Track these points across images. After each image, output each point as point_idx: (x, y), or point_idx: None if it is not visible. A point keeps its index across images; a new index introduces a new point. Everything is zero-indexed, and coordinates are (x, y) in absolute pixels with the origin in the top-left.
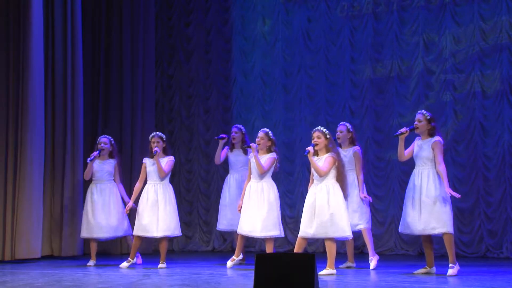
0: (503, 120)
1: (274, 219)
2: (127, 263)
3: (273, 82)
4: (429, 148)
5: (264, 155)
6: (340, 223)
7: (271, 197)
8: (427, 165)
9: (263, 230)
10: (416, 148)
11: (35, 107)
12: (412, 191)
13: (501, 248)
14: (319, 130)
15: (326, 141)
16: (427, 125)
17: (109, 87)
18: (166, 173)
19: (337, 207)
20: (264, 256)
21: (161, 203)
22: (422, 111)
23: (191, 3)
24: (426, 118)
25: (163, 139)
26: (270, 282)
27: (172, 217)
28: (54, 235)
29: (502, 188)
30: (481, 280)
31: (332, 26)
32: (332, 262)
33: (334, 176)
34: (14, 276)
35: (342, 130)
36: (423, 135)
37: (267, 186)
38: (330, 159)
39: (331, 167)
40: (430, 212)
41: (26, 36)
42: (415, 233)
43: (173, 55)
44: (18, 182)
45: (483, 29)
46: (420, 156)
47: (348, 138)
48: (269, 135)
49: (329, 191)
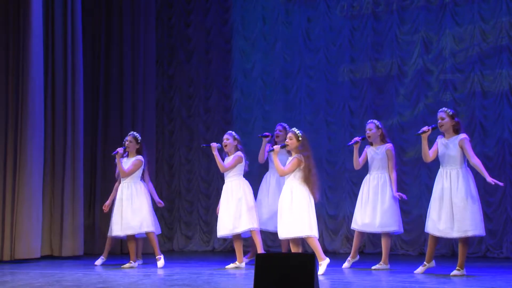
0: (503, 120)
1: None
2: (129, 264)
3: (273, 82)
4: (456, 146)
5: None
6: (300, 223)
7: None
8: (456, 164)
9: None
10: (440, 147)
11: (35, 107)
12: (441, 193)
13: (501, 248)
14: (292, 131)
15: (297, 143)
16: (451, 121)
17: (109, 87)
18: (127, 172)
19: (298, 208)
20: (264, 256)
21: (125, 202)
22: (444, 108)
23: (191, 3)
24: (449, 115)
25: (137, 140)
26: (270, 282)
27: (135, 215)
28: (54, 235)
29: (502, 188)
30: (481, 280)
31: (332, 26)
32: (318, 255)
33: (300, 177)
34: (14, 276)
35: (371, 127)
36: (447, 132)
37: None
38: (294, 161)
39: (293, 168)
40: (462, 214)
41: (26, 36)
42: (452, 237)
43: (173, 55)
44: (18, 182)
45: (483, 29)
46: (447, 156)
47: (379, 135)
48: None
49: (292, 191)
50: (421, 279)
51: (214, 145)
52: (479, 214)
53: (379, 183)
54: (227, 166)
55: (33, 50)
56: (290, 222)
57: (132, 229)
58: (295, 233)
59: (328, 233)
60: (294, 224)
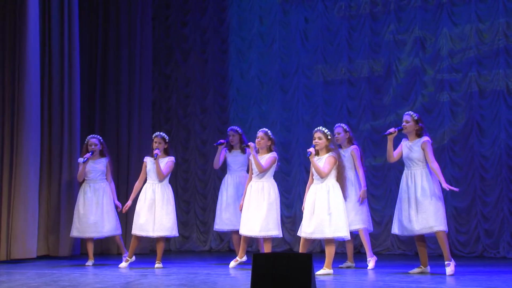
0: (500, 120)
1: (274, 219)
2: (125, 262)
3: (270, 82)
4: (419, 149)
5: (265, 154)
6: (338, 223)
7: (271, 197)
8: (419, 165)
9: (262, 230)
10: (405, 149)
11: (31, 108)
12: (407, 192)
13: (497, 248)
14: (320, 131)
15: (327, 142)
16: (414, 125)
17: (106, 87)
18: (165, 175)
19: (336, 207)
20: (262, 255)
21: (159, 203)
22: (410, 112)
23: (188, 3)
24: (413, 119)
25: (166, 140)
26: (267, 281)
27: (169, 218)
28: (51, 235)
29: (499, 188)
30: (478, 280)
31: (330, 26)
32: (329, 262)
33: (335, 176)
34: (10, 276)
35: (339, 131)
36: (410, 136)
37: (268, 185)
38: (331, 159)
39: (332, 167)
40: (426, 211)
41: (22, 36)
42: (415, 234)
43: (170, 55)
44: (14, 182)
45: (480, 29)
46: (411, 158)
47: (346, 138)
48: (269, 134)
49: (329, 190)
50: (418, 278)
51: (252, 145)
52: (442, 211)
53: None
54: (264, 167)
55: (30, 51)
56: (328, 222)
57: (166, 231)
58: (332, 233)
59: None
60: (333, 224)
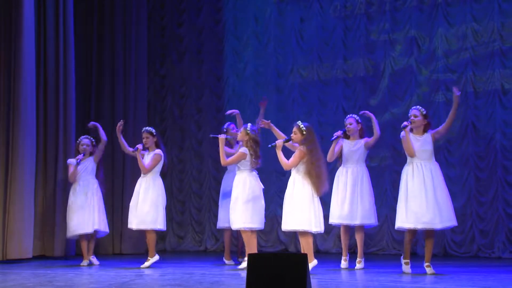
0: (495, 120)
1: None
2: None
3: (266, 82)
4: (431, 140)
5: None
6: (300, 217)
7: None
8: (432, 158)
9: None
10: (416, 143)
11: (27, 107)
12: (423, 183)
13: (492, 248)
14: (297, 125)
15: (301, 137)
16: (423, 120)
17: (101, 87)
18: (147, 168)
19: (298, 201)
20: (257, 255)
21: (141, 196)
22: (418, 107)
23: (183, 3)
24: (422, 114)
25: (153, 133)
26: (262, 281)
27: (151, 211)
28: (46, 235)
29: (494, 188)
30: (473, 280)
31: (325, 26)
32: (309, 254)
33: (303, 170)
34: (6, 276)
35: (351, 122)
36: (417, 130)
37: (238, 178)
38: (297, 153)
39: (297, 161)
40: (446, 205)
41: (18, 37)
42: (433, 228)
43: (165, 55)
44: (10, 181)
45: (475, 30)
46: (425, 150)
47: (358, 130)
48: (246, 130)
49: (294, 183)
50: (413, 278)
51: (223, 137)
52: (451, 205)
53: (358, 176)
54: (226, 159)
55: (25, 51)
56: (290, 214)
57: (144, 225)
58: (292, 226)
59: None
60: (293, 217)
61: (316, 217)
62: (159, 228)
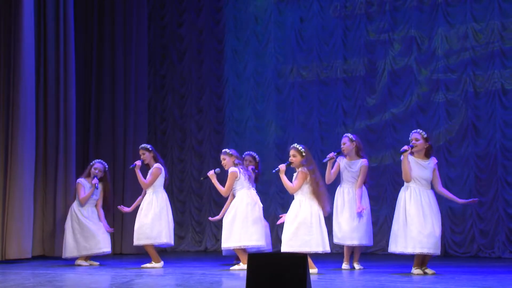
0: (495, 120)
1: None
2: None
3: (266, 82)
4: (431, 169)
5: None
6: (306, 237)
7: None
8: (428, 185)
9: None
10: (415, 166)
11: (26, 108)
12: (420, 208)
13: (492, 248)
14: (294, 148)
15: (301, 158)
16: (424, 143)
17: (101, 87)
18: (146, 183)
19: (303, 221)
20: (257, 256)
21: (140, 211)
22: (418, 130)
23: (184, 3)
24: (423, 137)
25: (149, 149)
26: (262, 282)
27: (144, 226)
28: (46, 235)
29: (494, 188)
30: (473, 280)
31: (325, 26)
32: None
33: (308, 191)
34: (5, 276)
35: (345, 141)
36: (419, 154)
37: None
38: (299, 175)
39: (301, 183)
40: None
41: (17, 37)
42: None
43: (165, 55)
44: (9, 182)
45: (475, 30)
46: (423, 176)
47: (353, 148)
48: (228, 153)
49: (300, 204)
50: (414, 279)
51: (211, 173)
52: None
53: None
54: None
55: (25, 51)
56: (295, 235)
57: (138, 240)
58: (299, 248)
59: None
60: (300, 239)
61: (323, 238)
62: (165, 242)
